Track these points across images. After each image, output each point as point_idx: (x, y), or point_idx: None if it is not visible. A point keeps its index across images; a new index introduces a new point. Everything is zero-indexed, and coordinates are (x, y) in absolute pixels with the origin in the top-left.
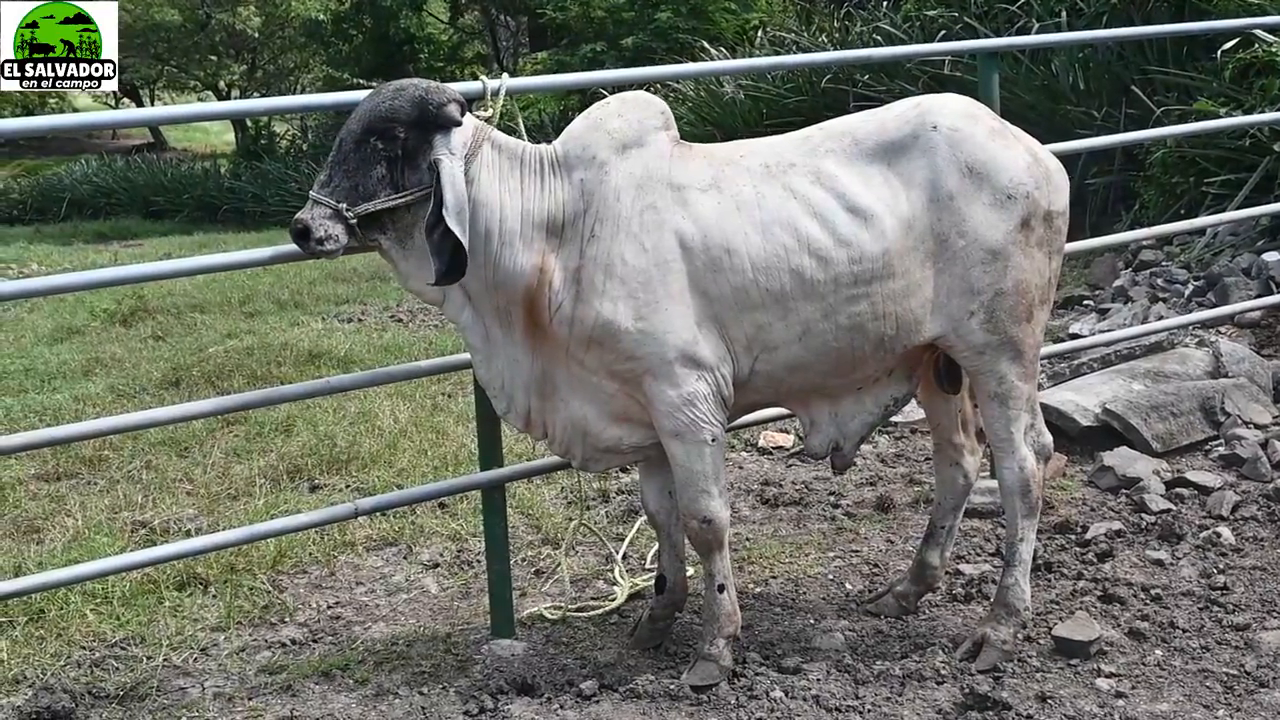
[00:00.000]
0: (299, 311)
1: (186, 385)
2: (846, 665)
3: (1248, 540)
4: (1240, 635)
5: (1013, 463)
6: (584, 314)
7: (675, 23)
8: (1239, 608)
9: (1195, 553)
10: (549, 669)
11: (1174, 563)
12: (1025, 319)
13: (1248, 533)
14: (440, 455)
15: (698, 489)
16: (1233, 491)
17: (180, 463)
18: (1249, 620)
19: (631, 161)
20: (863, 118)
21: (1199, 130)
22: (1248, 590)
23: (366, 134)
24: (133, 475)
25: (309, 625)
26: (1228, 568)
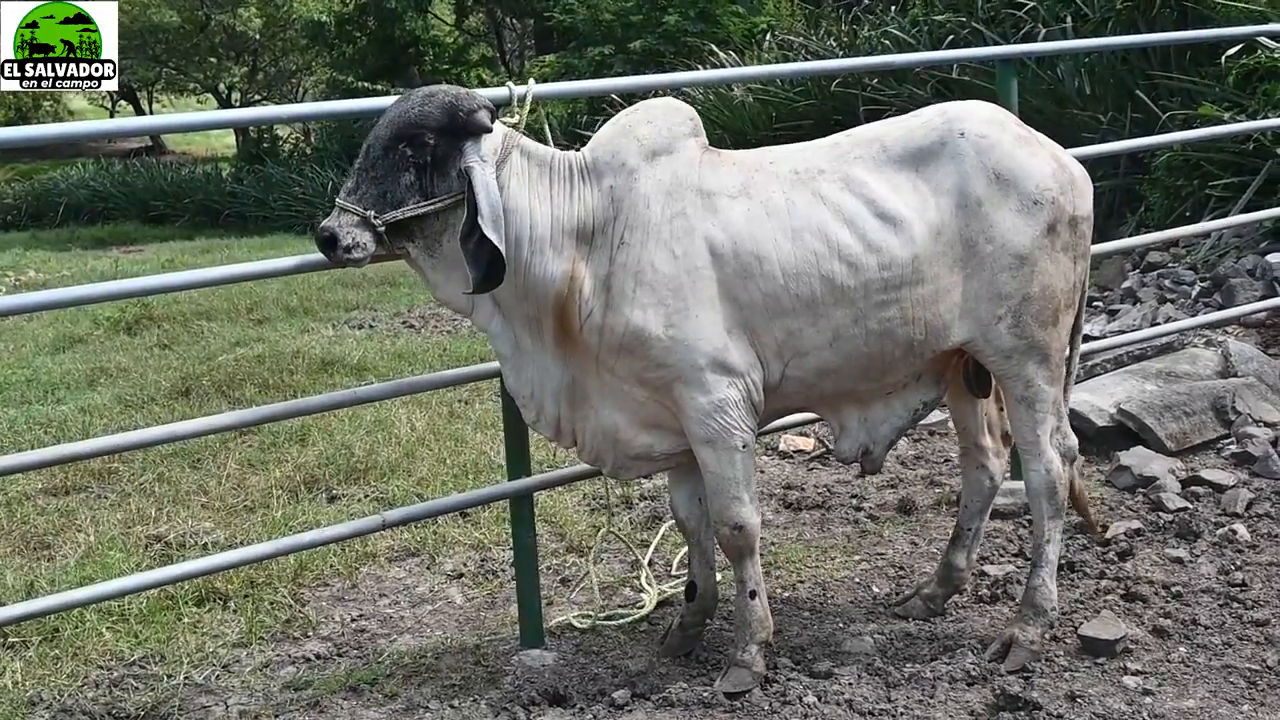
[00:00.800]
0: (308, 318)
1: (197, 395)
2: (877, 669)
3: (1262, 537)
4: (1261, 631)
5: (1039, 465)
6: (614, 321)
7: (683, 26)
8: (1258, 604)
9: (1213, 550)
10: (580, 679)
11: (1193, 560)
12: (1051, 323)
13: (1262, 529)
14: (460, 464)
15: (729, 495)
16: (1246, 489)
17: (194, 474)
18: (1269, 616)
19: (661, 168)
20: (890, 125)
21: (1204, 136)
22: (1265, 586)
23: (395, 140)
24: (145, 488)
25: (333, 639)
26: (1245, 564)
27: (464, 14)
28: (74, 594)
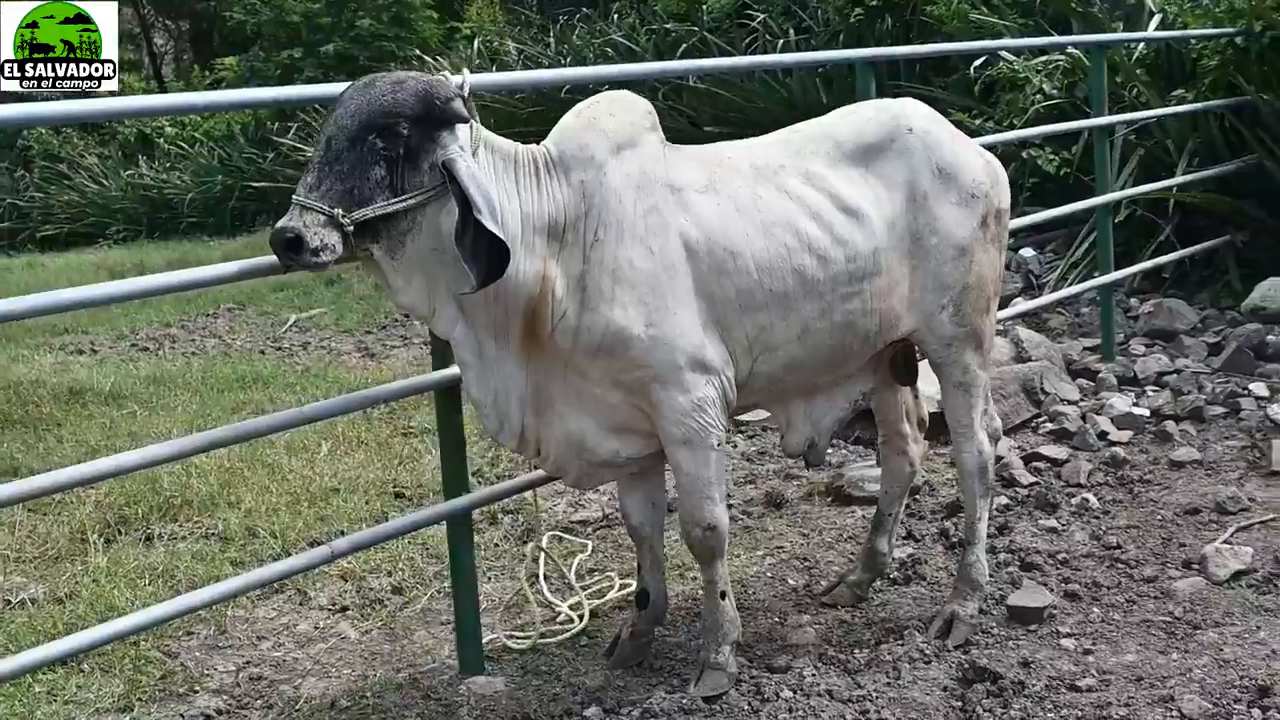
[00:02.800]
0: (13, 345)
1: None
2: (831, 657)
3: (1110, 503)
4: (1153, 586)
5: (972, 447)
6: (592, 322)
7: (377, 30)
8: (1139, 562)
9: (1075, 518)
10: (541, 700)
11: (1065, 529)
12: (986, 311)
13: (1107, 496)
14: (287, 491)
15: (702, 496)
16: (1086, 461)
17: None
18: (1154, 573)
19: (627, 163)
20: (835, 121)
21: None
22: (1137, 546)
23: (364, 131)
24: None
25: (227, 691)
26: (1109, 529)
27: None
28: None
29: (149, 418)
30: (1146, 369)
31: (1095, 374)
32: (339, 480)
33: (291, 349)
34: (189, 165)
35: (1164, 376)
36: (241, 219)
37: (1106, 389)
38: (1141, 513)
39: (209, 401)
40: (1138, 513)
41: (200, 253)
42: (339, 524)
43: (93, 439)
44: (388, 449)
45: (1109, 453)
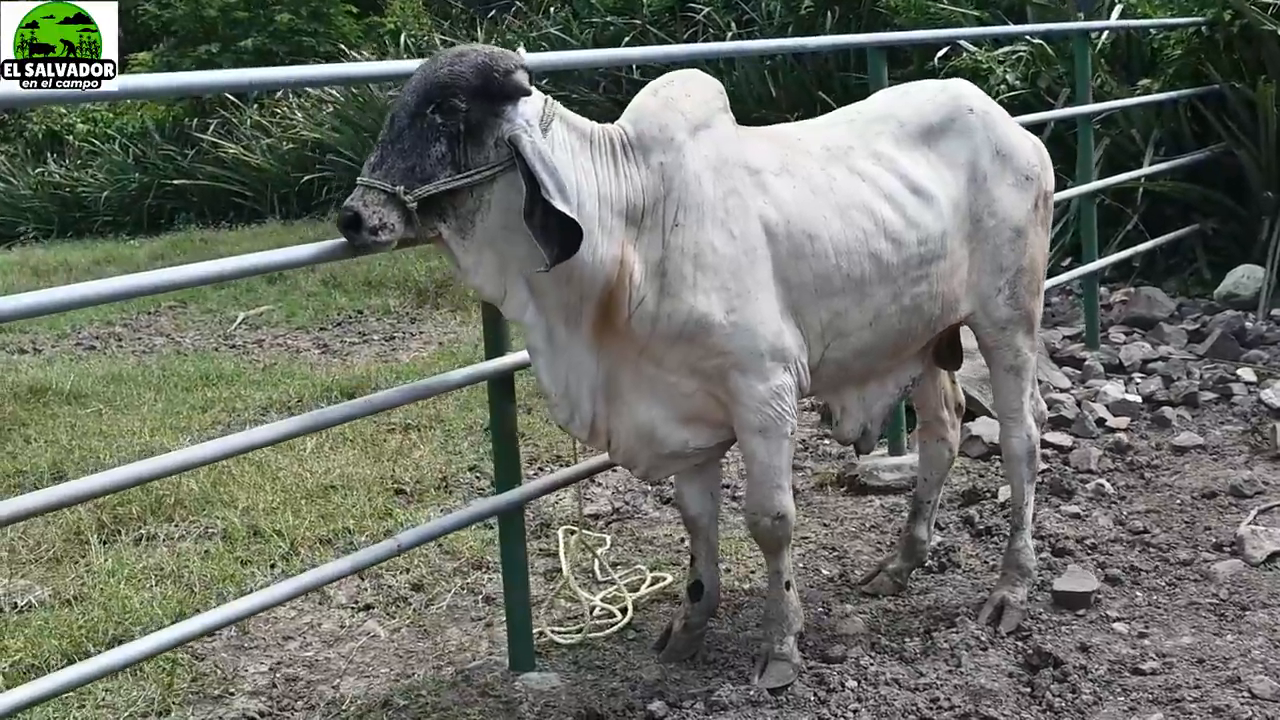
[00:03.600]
0: None
1: None
2: (884, 646)
3: (1123, 488)
4: (1191, 569)
5: (1021, 432)
6: (672, 309)
7: (296, 25)
8: (1170, 546)
9: (1094, 504)
10: (600, 695)
11: (1088, 515)
12: (1037, 293)
13: (1119, 481)
14: (281, 488)
15: (773, 485)
16: (1094, 447)
17: None
18: (1188, 556)
19: (704, 144)
20: (893, 100)
21: None
22: (1164, 530)
23: (423, 106)
24: None
25: (265, 693)
26: (1130, 514)
27: None
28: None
29: (115, 417)
30: (1131, 356)
31: (1081, 362)
32: (333, 478)
33: (246, 346)
34: (102, 163)
35: (1149, 363)
36: (160, 217)
37: (1095, 376)
38: (1159, 497)
39: (175, 400)
40: (1154, 497)
41: (123, 252)
42: (344, 521)
43: (63, 439)
44: (376, 446)
45: (1112, 439)
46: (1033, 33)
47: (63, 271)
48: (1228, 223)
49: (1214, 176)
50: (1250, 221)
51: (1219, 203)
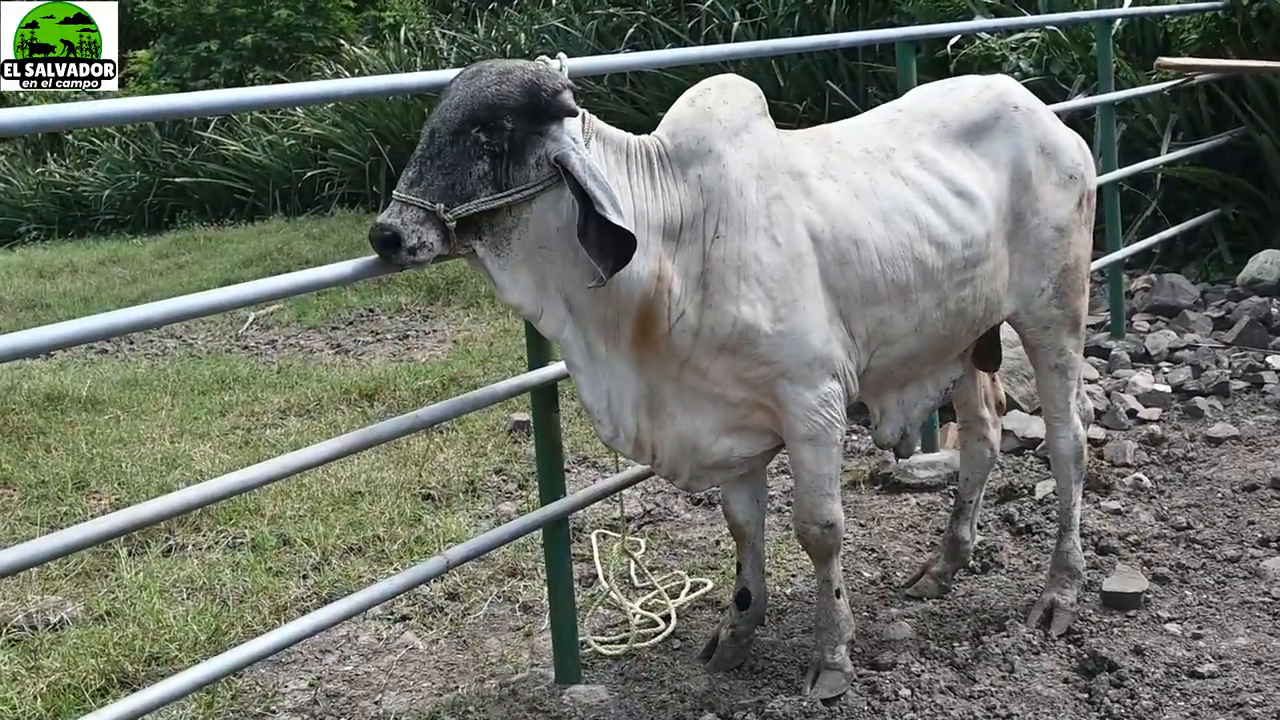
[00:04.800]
0: None
1: None
2: (933, 651)
3: (1161, 482)
4: (1239, 566)
5: (1068, 432)
6: (715, 320)
7: (295, 21)
8: (1216, 542)
9: (1133, 499)
10: (649, 708)
11: (1128, 510)
12: (1082, 292)
13: (1156, 475)
14: (306, 496)
15: (822, 493)
16: (1125, 440)
17: None
18: (1235, 553)
19: (746, 151)
20: (937, 98)
21: None
22: (1209, 526)
23: (468, 124)
24: None
25: (305, 709)
26: (1172, 509)
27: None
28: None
29: (134, 423)
30: (1157, 345)
31: (1107, 351)
32: (359, 484)
33: (259, 348)
34: (103, 161)
35: (1176, 352)
36: (162, 215)
37: (1122, 366)
38: (1198, 491)
39: (192, 405)
40: (1194, 491)
41: (127, 251)
42: (373, 529)
43: (83, 447)
44: (399, 448)
45: (1146, 431)
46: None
47: (68, 272)
48: (1247, 207)
49: (1232, 161)
50: (1270, 206)
51: (1238, 187)
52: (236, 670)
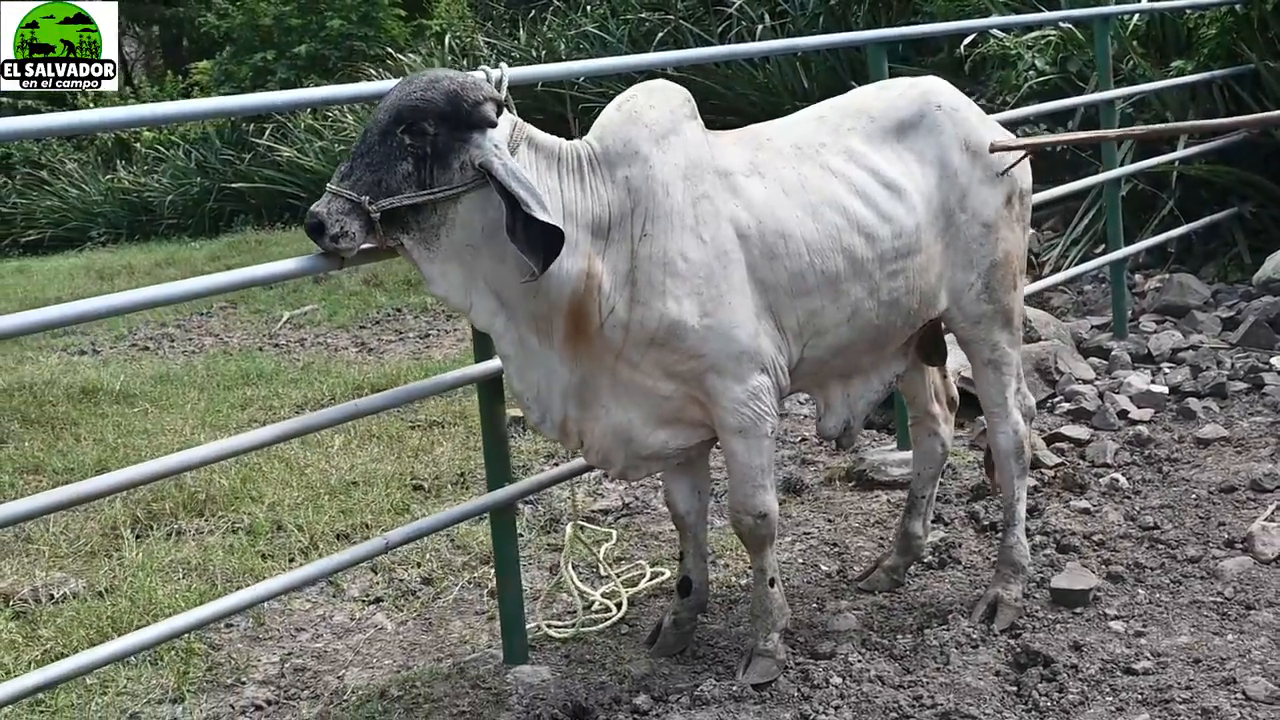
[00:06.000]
0: (17, 347)
1: None
2: (874, 643)
3: (1139, 482)
4: (1198, 567)
5: (1007, 427)
6: (644, 316)
7: (347, 30)
8: (1180, 543)
9: (1106, 499)
10: (589, 689)
11: (1098, 510)
12: (1013, 288)
13: (1136, 476)
14: (306, 484)
15: (754, 484)
16: (1111, 440)
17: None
18: (1197, 553)
19: (673, 152)
20: (865, 97)
21: None
22: (1176, 526)
23: (394, 125)
24: None
25: (273, 682)
26: (1143, 509)
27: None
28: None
29: (160, 416)
30: (1160, 345)
31: (1108, 352)
32: (356, 474)
33: (289, 345)
34: (167, 168)
35: (1179, 353)
36: (220, 219)
37: (1121, 367)
38: (1175, 492)
39: (216, 399)
40: (1170, 492)
41: (184, 254)
42: (363, 516)
43: (110, 437)
44: (400, 442)
45: (1133, 431)
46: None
47: (125, 274)
48: (1267, 205)
49: (1251, 159)
50: None
51: (1257, 185)
52: (170, 638)
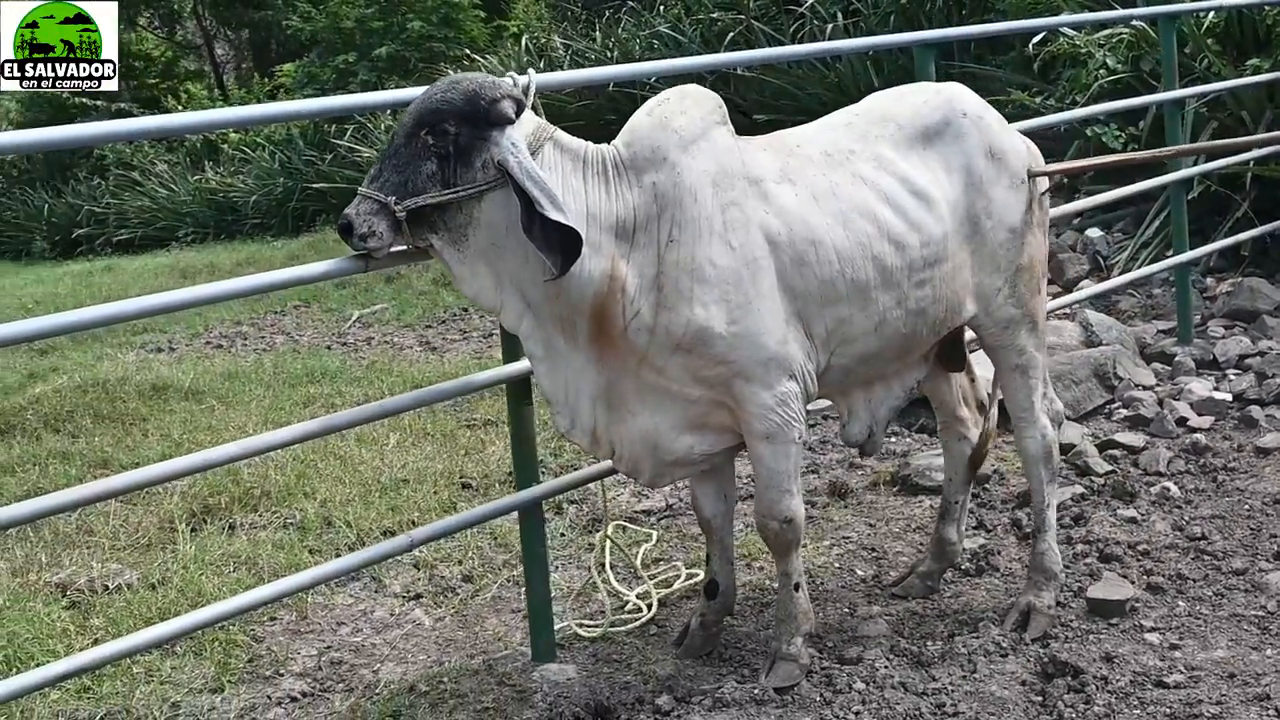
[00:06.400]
0: (98, 344)
1: (23, 431)
2: (903, 649)
3: (1193, 492)
4: (1243, 579)
5: (1035, 431)
6: (670, 321)
7: (427, 31)
8: (1227, 554)
9: (1156, 508)
10: (612, 688)
11: (1145, 519)
12: (1038, 292)
13: (1189, 485)
14: (359, 481)
15: (781, 489)
16: (1165, 449)
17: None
18: (1243, 565)
19: (702, 159)
20: (890, 103)
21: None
22: (1224, 537)
23: (417, 127)
24: (15, 534)
25: (310, 674)
26: (1192, 519)
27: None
28: (65, 664)
29: (226, 412)
30: (1227, 351)
31: (1171, 357)
32: (408, 471)
33: (356, 344)
34: (252, 169)
35: (1246, 359)
36: (302, 219)
37: (1184, 373)
38: (1227, 502)
39: (280, 396)
40: (1223, 502)
41: (265, 253)
42: (410, 514)
43: (176, 433)
44: (453, 441)
45: (1189, 440)
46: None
47: (206, 273)
48: None
49: None
50: None
51: None
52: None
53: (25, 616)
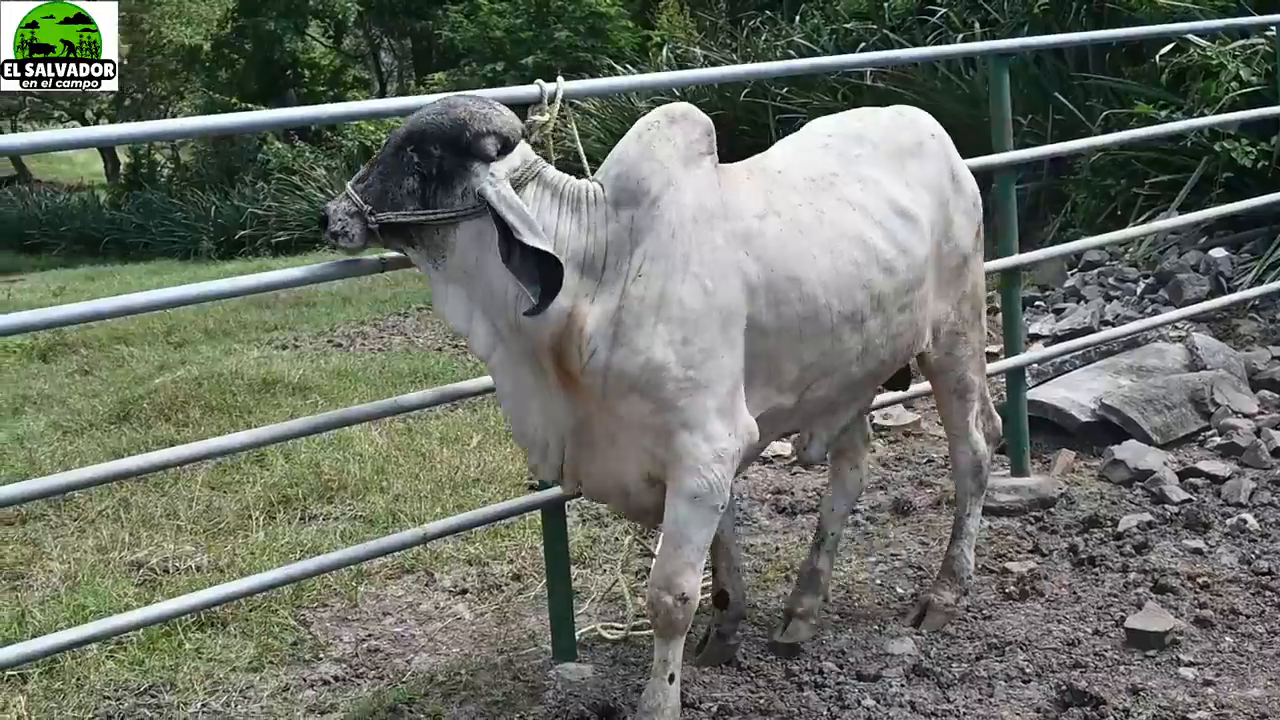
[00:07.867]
0: (229, 340)
1: (138, 419)
2: (925, 669)
3: (1272, 525)
4: None
5: (966, 447)
6: (624, 359)
7: (574, 41)
8: None
9: (1227, 540)
10: (624, 690)
11: (1211, 551)
12: (979, 318)
13: (1270, 518)
14: (434, 479)
15: (685, 561)
16: (1245, 479)
17: (158, 498)
18: None
19: (685, 193)
20: (858, 123)
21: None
22: None
23: (405, 143)
24: (108, 513)
25: (346, 660)
26: (1264, 553)
27: (341, 35)
28: (117, 621)
29: (328, 407)
30: None
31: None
32: (483, 471)
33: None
34: None
35: None
36: None
37: None
38: None
39: (381, 393)
40: None
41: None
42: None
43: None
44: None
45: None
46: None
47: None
48: None
49: None
50: None
51: None
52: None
53: (96, 590)
